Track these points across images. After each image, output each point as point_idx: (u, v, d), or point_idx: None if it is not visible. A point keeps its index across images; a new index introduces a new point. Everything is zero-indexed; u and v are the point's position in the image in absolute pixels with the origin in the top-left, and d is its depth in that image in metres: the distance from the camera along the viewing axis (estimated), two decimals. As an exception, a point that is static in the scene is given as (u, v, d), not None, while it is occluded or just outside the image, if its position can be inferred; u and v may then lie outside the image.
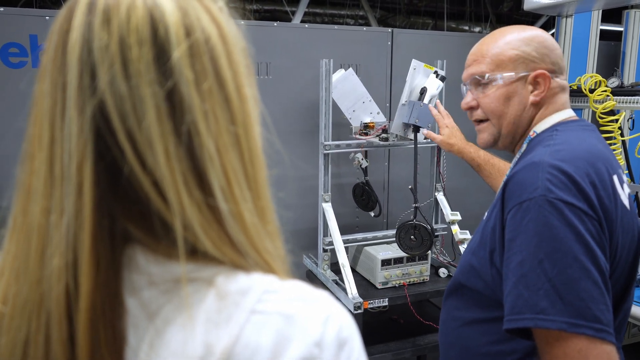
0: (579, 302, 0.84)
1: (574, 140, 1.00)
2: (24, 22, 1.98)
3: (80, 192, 0.44)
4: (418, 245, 2.00)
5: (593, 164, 0.93)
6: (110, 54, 0.44)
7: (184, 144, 0.45)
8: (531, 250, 0.87)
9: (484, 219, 1.05)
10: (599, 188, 0.91)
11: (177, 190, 0.45)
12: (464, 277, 1.07)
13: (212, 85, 0.47)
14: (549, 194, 0.88)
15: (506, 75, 1.08)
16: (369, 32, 2.57)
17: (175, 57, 0.45)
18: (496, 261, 0.96)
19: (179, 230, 0.45)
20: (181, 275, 0.47)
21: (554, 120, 1.08)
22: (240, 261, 0.48)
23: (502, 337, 0.97)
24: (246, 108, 0.50)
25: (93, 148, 0.44)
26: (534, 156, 0.96)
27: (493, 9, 6.69)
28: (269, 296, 0.47)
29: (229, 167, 0.47)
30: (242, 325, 0.45)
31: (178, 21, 0.46)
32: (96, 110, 0.44)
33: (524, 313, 0.87)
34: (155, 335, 0.45)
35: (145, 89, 0.44)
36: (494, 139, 1.15)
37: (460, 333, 1.08)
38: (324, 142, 2.07)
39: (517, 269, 0.89)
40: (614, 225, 0.92)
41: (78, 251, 0.44)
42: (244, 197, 0.48)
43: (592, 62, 2.70)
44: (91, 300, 0.44)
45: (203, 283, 0.47)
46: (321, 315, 0.47)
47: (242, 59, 0.51)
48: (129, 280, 0.47)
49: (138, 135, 0.44)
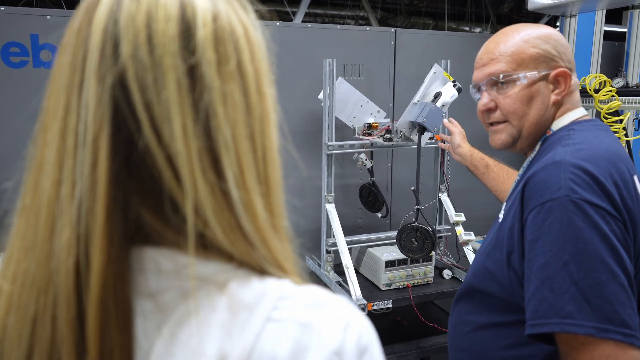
0: (607, 306, 0.82)
1: (593, 139, 0.98)
2: (25, 21, 1.96)
3: (96, 163, 0.43)
4: (420, 248, 1.98)
5: (615, 164, 0.91)
6: (137, 25, 0.44)
7: (202, 122, 0.44)
8: (555, 251, 0.85)
9: (498, 221, 1.03)
10: (621, 188, 0.89)
11: (192, 168, 0.43)
12: (477, 281, 1.04)
13: (233, 71, 0.46)
14: (573, 194, 0.86)
15: (529, 74, 1.04)
16: (372, 32, 2.56)
17: (200, 36, 0.45)
18: (514, 263, 0.94)
19: (190, 211, 0.43)
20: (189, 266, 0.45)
21: (570, 118, 1.06)
22: (250, 253, 0.46)
23: (518, 341, 0.96)
24: (264, 104, 0.49)
25: (111, 119, 0.43)
26: (555, 155, 0.93)
27: (493, 10, 6.69)
28: (285, 303, 0.45)
29: (243, 156, 0.46)
30: (258, 334, 0.43)
31: (206, 7, 0.46)
32: (116, 80, 0.43)
33: (548, 317, 0.84)
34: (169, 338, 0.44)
35: (168, 60, 0.43)
36: (512, 139, 1.10)
37: (473, 338, 1.05)
38: (327, 143, 2.06)
39: (540, 272, 0.86)
40: (637, 226, 0.90)
41: (90, 224, 0.42)
42: (255, 188, 0.47)
43: (596, 62, 2.68)
44: (103, 275, 0.42)
45: (216, 286, 0.45)
46: (340, 323, 0.45)
47: (264, 61, 0.50)
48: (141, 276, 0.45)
49: (156, 108, 0.43)
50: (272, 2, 5.79)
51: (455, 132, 1.77)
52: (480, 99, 1.12)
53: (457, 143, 1.72)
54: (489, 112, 1.11)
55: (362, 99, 2.13)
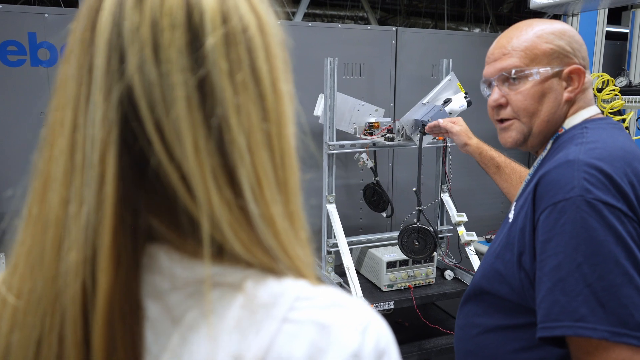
0: (622, 310, 0.80)
1: (607, 138, 0.95)
2: (22, 19, 1.94)
3: (102, 182, 0.41)
4: (422, 249, 1.96)
5: (630, 163, 0.89)
6: (141, 37, 0.41)
7: (214, 138, 0.42)
8: (568, 253, 0.83)
9: (509, 221, 1.00)
10: (637, 188, 0.87)
11: (206, 187, 0.42)
12: (486, 282, 1.02)
13: (247, 77, 0.44)
14: (587, 194, 0.84)
15: (542, 70, 1.01)
16: (373, 31, 2.54)
17: (210, 44, 0.42)
18: (525, 264, 0.92)
19: (206, 229, 0.42)
20: (208, 279, 0.43)
21: (582, 117, 1.03)
22: (272, 265, 0.45)
23: (528, 344, 0.93)
24: (281, 105, 0.47)
25: (118, 136, 0.41)
26: (568, 154, 0.91)
27: (493, 10, 6.68)
28: (302, 303, 0.44)
29: (260, 167, 0.44)
30: (274, 335, 0.42)
31: (215, 7, 0.43)
32: (124, 96, 0.41)
33: (561, 320, 0.82)
34: (180, 342, 0.42)
35: (176, 76, 0.41)
36: (523, 137, 1.06)
37: (482, 340, 1.03)
38: (328, 142, 2.04)
39: (553, 273, 0.84)
40: None
41: (97, 246, 0.41)
42: (275, 199, 0.45)
43: (598, 61, 2.67)
44: (109, 300, 0.41)
45: (231, 288, 0.44)
46: (359, 325, 0.44)
47: (280, 52, 0.48)
48: (151, 282, 0.44)
49: (166, 125, 0.41)
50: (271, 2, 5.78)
51: (454, 132, 1.62)
52: (490, 94, 1.09)
53: (461, 142, 1.59)
54: (499, 109, 1.08)
55: (357, 104, 2.11)
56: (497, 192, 2.81)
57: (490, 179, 1.52)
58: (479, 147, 1.52)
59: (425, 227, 1.93)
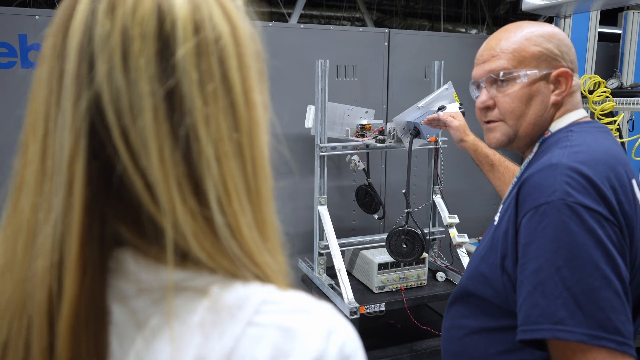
0: (600, 313, 0.80)
1: (591, 142, 0.95)
2: (13, 21, 1.94)
3: (71, 189, 0.41)
4: (410, 251, 1.96)
5: (613, 167, 0.89)
6: (111, 45, 0.41)
7: (181, 148, 0.42)
8: (549, 256, 0.83)
9: (494, 224, 1.00)
10: (619, 192, 0.87)
11: (171, 197, 0.42)
12: (471, 285, 1.02)
13: (218, 88, 0.43)
14: (568, 198, 0.84)
15: (530, 72, 1.01)
16: (366, 32, 2.54)
17: (180, 54, 0.41)
18: (508, 268, 0.92)
19: (170, 237, 0.42)
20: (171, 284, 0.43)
21: (569, 120, 1.03)
22: (237, 272, 0.45)
23: (512, 346, 0.93)
24: (253, 115, 0.46)
25: (87, 143, 0.41)
26: (551, 158, 0.91)
27: (489, 12, 6.68)
28: (267, 307, 0.44)
29: (228, 176, 0.44)
30: (237, 338, 0.42)
31: (187, 16, 0.43)
32: (92, 103, 0.41)
33: (540, 323, 0.82)
34: (143, 347, 0.42)
35: (144, 85, 0.41)
36: (508, 139, 1.06)
37: (467, 342, 1.03)
38: (320, 144, 2.04)
39: (533, 276, 0.84)
40: (634, 232, 0.88)
41: (64, 253, 0.41)
42: (243, 209, 0.45)
43: (591, 63, 2.67)
44: (75, 306, 0.41)
45: (196, 292, 0.44)
46: (323, 329, 0.44)
47: (254, 63, 0.47)
48: (117, 287, 0.44)
49: (133, 134, 0.41)
50: (268, 3, 5.79)
51: (453, 126, 1.59)
52: (478, 96, 1.09)
53: (458, 138, 1.57)
54: (486, 110, 1.08)
55: (346, 109, 2.11)
56: (489, 194, 2.82)
57: (482, 180, 1.52)
58: (474, 143, 1.51)
59: (414, 230, 1.93)
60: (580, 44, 2.64)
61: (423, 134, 1.95)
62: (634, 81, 2.80)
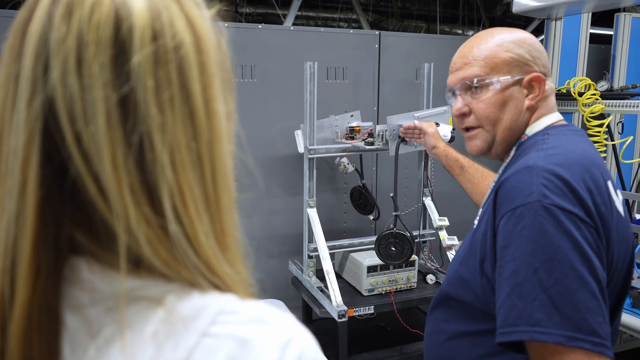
0: (576, 314, 0.80)
1: (567, 144, 0.95)
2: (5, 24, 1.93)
3: (23, 193, 0.41)
4: (398, 254, 1.95)
5: (588, 169, 0.89)
6: (66, 49, 0.41)
7: (135, 155, 0.42)
8: (526, 258, 0.83)
9: (473, 227, 1.00)
10: (595, 194, 0.87)
11: (124, 202, 0.41)
12: (452, 289, 1.02)
13: (175, 96, 0.43)
14: (545, 200, 0.84)
15: (503, 79, 1.02)
16: (356, 34, 2.54)
17: (135, 61, 0.41)
18: (487, 270, 0.92)
19: (122, 242, 0.42)
20: (124, 291, 0.43)
21: (545, 123, 1.03)
22: (195, 280, 0.44)
23: (492, 350, 0.93)
24: (214, 125, 0.46)
25: (41, 146, 0.41)
26: (528, 160, 0.91)
27: (486, 13, 6.68)
28: (224, 318, 0.43)
29: (185, 185, 0.43)
30: (191, 349, 0.41)
31: (145, 23, 0.42)
32: (46, 106, 0.41)
33: (518, 325, 0.82)
34: (96, 356, 0.42)
35: (98, 91, 0.40)
36: (487, 145, 1.07)
37: (448, 346, 1.03)
38: (309, 147, 2.03)
39: (510, 278, 0.84)
40: (610, 233, 0.88)
41: (16, 257, 0.41)
42: (201, 218, 0.44)
43: (582, 65, 2.67)
44: (27, 311, 0.40)
45: (151, 302, 0.43)
46: (280, 340, 0.43)
47: (218, 72, 0.47)
48: (71, 294, 0.43)
49: (86, 139, 0.41)
50: (264, 5, 5.78)
51: (429, 132, 1.74)
52: (454, 103, 1.11)
53: (431, 144, 1.70)
54: (463, 117, 1.10)
55: (332, 121, 2.11)
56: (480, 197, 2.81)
57: None
58: (445, 149, 1.62)
59: (402, 233, 1.93)
60: (571, 46, 2.64)
61: (410, 142, 1.97)
62: (625, 83, 2.80)
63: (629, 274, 0.98)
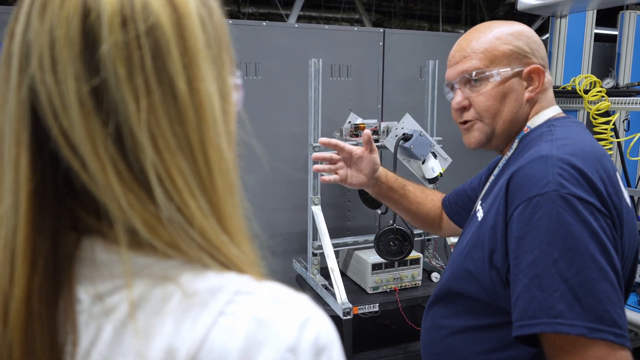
0: (598, 306, 0.79)
1: (575, 135, 0.95)
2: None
3: (17, 184, 0.42)
4: (398, 250, 1.95)
5: (600, 160, 0.89)
6: (40, 46, 0.42)
7: (115, 144, 0.42)
8: (544, 248, 0.82)
9: (478, 220, 0.99)
10: (607, 185, 0.86)
11: (112, 190, 0.42)
12: (455, 283, 1.01)
13: (151, 81, 0.42)
14: (562, 189, 0.83)
15: (502, 71, 1.01)
16: (361, 32, 2.53)
17: (104, 49, 0.41)
18: (497, 262, 0.90)
19: (120, 226, 0.42)
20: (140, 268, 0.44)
21: (547, 116, 1.03)
22: (204, 261, 0.44)
23: (498, 345, 0.92)
24: (201, 107, 0.44)
25: (30, 140, 0.42)
26: (540, 150, 0.90)
27: (489, 13, 6.68)
28: (242, 297, 0.43)
29: (174, 170, 0.43)
30: (209, 327, 0.41)
31: (114, 10, 0.41)
32: (31, 102, 0.42)
33: (539, 317, 0.80)
34: (112, 336, 0.42)
35: (70, 83, 0.41)
36: (486, 137, 1.06)
37: (450, 342, 1.02)
38: (313, 144, 2.03)
39: (528, 269, 0.83)
40: (622, 223, 0.87)
41: (14, 252, 0.41)
42: (199, 204, 0.44)
43: (587, 63, 2.66)
44: (25, 303, 0.41)
45: (167, 280, 0.43)
46: (297, 319, 0.43)
47: (204, 49, 0.45)
48: (84, 274, 0.44)
49: (70, 133, 0.42)
50: (266, 5, 5.78)
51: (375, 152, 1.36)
52: (453, 97, 1.09)
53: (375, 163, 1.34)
54: (462, 111, 1.08)
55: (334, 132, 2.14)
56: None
57: None
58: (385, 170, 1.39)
59: (402, 229, 1.92)
60: (576, 44, 2.63)
61: (416, 155, 2.02)
62: (630, 81, 2.79)
63: (634, 268, 0.98)
